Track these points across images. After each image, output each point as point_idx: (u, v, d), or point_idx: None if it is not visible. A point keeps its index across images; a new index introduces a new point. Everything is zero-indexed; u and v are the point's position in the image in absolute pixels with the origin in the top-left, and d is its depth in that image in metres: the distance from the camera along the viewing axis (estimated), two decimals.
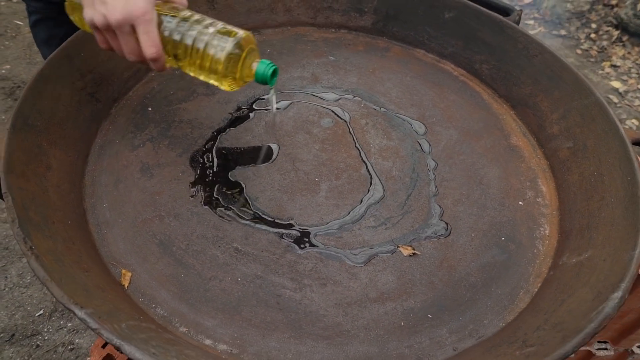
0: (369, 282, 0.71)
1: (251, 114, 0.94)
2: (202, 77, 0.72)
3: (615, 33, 2.62)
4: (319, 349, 0.64)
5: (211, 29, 0.66)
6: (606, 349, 0.98)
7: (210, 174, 0.83)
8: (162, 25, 0.67)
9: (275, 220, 0.77)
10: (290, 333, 0.65)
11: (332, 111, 0.96)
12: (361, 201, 0.81)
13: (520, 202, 0.84)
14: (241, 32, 0.67)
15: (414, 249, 0.75)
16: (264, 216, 0.77)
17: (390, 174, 0.86)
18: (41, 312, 1.26)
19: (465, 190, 0.85)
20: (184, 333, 0.64)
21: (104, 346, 0.65)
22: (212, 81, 0.72)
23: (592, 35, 2.63)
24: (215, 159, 0.85)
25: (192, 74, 0.73)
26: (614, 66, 2.42)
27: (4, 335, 1.21)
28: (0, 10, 2.24)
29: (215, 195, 0.80)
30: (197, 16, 0.69)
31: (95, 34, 0.67)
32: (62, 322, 1.24)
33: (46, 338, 1.21)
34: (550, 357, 0.51)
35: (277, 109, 0.94)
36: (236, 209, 0.78)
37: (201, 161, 0.85)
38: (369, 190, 0.83)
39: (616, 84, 2.29)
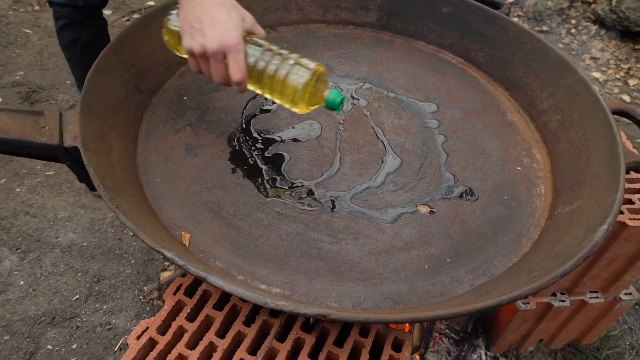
0: (395, 235, 0.83)
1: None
2: (277, 100, 0.81)
3: (594, 28, 2.80)
4: (357, 289, 0.75)
5: (291, 61, 0.75)
6: (597, 297, 1.11)
7: (247, 152, 0.95)
8: (248, 54, 0.76)
9: (310, 188, 0.89)
10: (332, 277, 0.77)
11: (349, 97, 1.09)
12: (379, 169, 0.93)
13: (518, 168, 0.97)
14: (314, 65, 0.76)
15: (431, 208, 0.87)
16: (298, 185, 0.89)
17: (404, 148, 0.98)
18: (77, 296, 1.35)
19: (470, 159, 0.98)
20: (242, 280, 0.75)
21: (175, 293, 0.75)
22: (286, 104, 0.80)
23: (572, 30, 2.80)
24: (250, 139, 0.97)
25: (268, 97, 0.82)
26: (593, 58, 2.59)
27: (45, 318, 1.30)
28: (9, 20, 2.33)
29: (254, 169, 0.91)
30: (275, 47, 0.77)
31: (190, 59, 0.76)
32: (97, 305, 1.33)
33: (84, 320, 1.31)
34: (552, 275, 0.64)
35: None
36: (275, 181, 0.90)
37: (238, 141, 0.97)
38: (383, 160, 0.95)
39: (596, 75, 2.46)
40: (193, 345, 0.70)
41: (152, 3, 2.69)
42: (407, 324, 1.08)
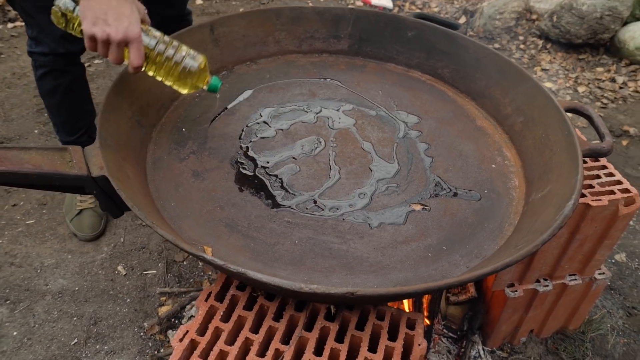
0: (395, 232, 0.98)
1: (270, 126, 1.22)
2: (167, 81, 1.04)
3: (540, 42, 3.14)
4: (370, 279, 0.89)
5: (184, 52, 0.99)
6: (576, 279, 1.30)
7: (250, 172, 1.09)
8: (145, 42, 0.96)
9: (314, 198, 1.03)
10: (345, 272, 0.90)
11: (335, 116, 1.26)
12: (370, 177, 1.09)
13: (493, 165, 1.15)
14: (202, 56, 1.01)
15: (423, 205, 1.04)
16: (302, 197, 1.04)
17: (391, 157, 1.15)
18: (76, 340, 1.40)
19: (451, 161, 1.15)
20: None
21: (206, 299, 0.87)
22: (174, 86, 1.04)
23: (522, 46, 3.14)
24: (251, 161, 1.11)
25: (158, 78, 1.04)
26: (544, 70, 2.91)
27: None
28: None
29: (259, 186, 1.05)
30: (166, 38, 0.98)
31: (88, 41, 0.91)
32: (98, 347, 1.39)
33: None
34: (535, 243, 0.80)
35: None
36: (281, 195, 1.04)
37: (240, 164, 1.11)
38: (370, 169, 1.12)
39: (549, 84, 2.76)
40: (231, 342, 0.81)
41: None
42: (410, 306, 1.22)
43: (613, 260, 1.76)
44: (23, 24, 2.84)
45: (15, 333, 1.42)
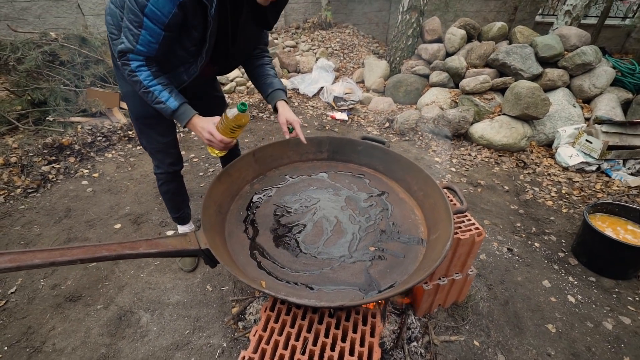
0: (362, 264, 1.08)
1: (290, 206, 1.33)
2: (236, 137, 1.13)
3: (430, 135, 3.36)
4: (353, 292, 0.98)
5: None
6: (459, 275, 1.39)
7: (281, 234, 1.19)
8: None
9: (318, 248, 1.13)
10: (338, 290, 1.00)
11: (327, 199, 1.38)
12: (346, 232, 1.20)
13: (410, 220, 1.27)
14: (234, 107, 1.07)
15: (375, 247, 1.14)
16: (312, 247, 1.14)
17: (356, 220, 1.27)
18: (188, 331, 1.43)
19: (389, 219, 1.27)
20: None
21: (265, 310, 0.95)
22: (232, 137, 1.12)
23: (421, 138, 3.35)
24: (282, 228, 1.22)
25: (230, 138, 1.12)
26: (434, 151, 3.11)
27: (172, 346, 1.36)
28: (115, 178, 2.49)
29: (286, 243, 1.15)
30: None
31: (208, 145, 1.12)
32: (200, 334, 1.42)
33: (195, 343, 1.38)
34: (433, 267, 0.91)
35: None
36: (302, 247, 1.14)
37: (275, 231, 1.21)
38: (343, 229, 1.23)
39: (437, 159, 2.95)
40: (279, 334, 0.89)
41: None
42: (372, 305, 1.29)
43: (479, 259, 1.86)
44: None
45: (155, 328, 1.45)
